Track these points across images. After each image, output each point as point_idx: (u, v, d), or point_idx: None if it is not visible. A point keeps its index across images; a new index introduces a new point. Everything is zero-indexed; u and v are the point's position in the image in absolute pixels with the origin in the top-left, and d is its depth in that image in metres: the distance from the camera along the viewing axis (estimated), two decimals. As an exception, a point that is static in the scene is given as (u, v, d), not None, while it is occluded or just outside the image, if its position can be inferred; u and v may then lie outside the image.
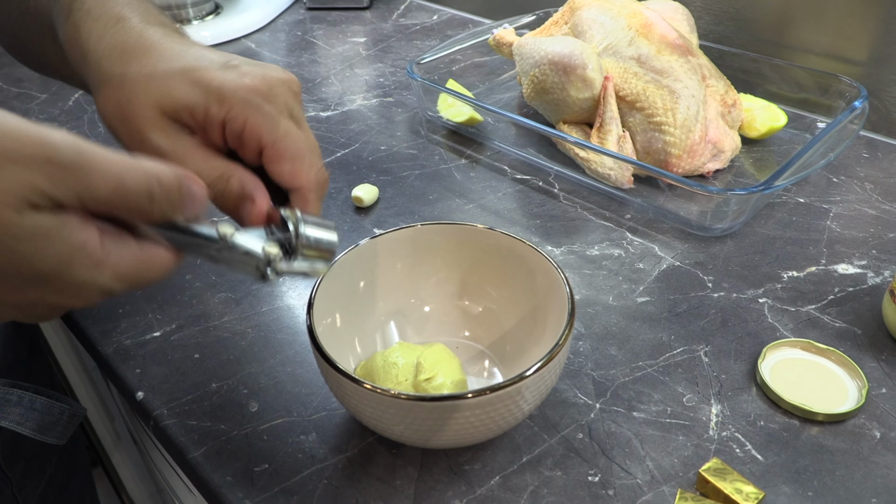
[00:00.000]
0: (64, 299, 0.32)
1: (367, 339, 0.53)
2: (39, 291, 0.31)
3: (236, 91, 0.40)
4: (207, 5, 1.23)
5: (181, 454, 0.49)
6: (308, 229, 0.39)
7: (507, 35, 0.93)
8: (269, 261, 0.37)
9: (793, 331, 0.57)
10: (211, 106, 0.40)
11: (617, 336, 0.57)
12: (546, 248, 0.67)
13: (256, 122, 0.40)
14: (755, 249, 0.66)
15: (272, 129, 0.40)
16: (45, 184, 0.29)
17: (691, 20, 0.86)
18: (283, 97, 0.42)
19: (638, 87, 0.74)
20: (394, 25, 1.23)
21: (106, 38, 0.41)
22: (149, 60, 0.40)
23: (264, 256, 0.37)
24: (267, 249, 0.37)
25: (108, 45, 0.41)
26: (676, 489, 0.45)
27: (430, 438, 0.43)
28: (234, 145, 0.41)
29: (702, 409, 0.50)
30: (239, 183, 0.40)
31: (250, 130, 0.40)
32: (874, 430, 0.49)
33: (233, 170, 0.41)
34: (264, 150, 0.41)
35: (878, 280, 0.62)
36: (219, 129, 0.40)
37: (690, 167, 0.74)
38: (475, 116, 0.84)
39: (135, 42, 0.41)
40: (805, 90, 0.85)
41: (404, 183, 0.77)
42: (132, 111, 0.39)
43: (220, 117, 0.40)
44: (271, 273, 0.37)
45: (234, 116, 0.40)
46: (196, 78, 0.40)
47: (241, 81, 0.40)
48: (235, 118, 0.40)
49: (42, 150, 0.29)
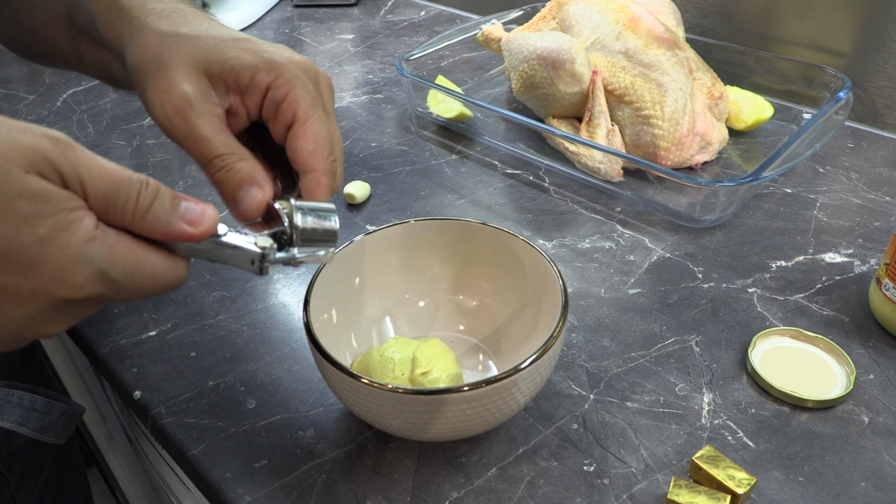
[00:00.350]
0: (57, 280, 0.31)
1: (363, 334, 0.54)
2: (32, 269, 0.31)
3: (287, 63, 0.42)
4: (195, 4, 1.22)
5: (180, 452, 0.49)
6: (303, 218, 0.39)
7: (495, 31, 0.93)
8: (263, 254, 0.37)
9: (782, 319, 0.58)
10: (260, 71, 0.41)
11: (609, 328, 0.58)
12: (538, 242, 0.67)
13: (298, 96, 0.42)
14: (744, 240, 0.67)
15: (310, 107, 0.42)
16: (54, 154, 0.31)
17: (678, 13, 0.87)
18: (324, 86, 0.44)
19: (626, 80, 0.75)
20: (381, 22, 1.23)
21: (150, 3, 0.44)
22: (199, 25, 0.43)
23: (258, 250, 0.37)
24: (259, 243, 0.37)
25: (154, 8, 0.43)
26: (670, 477, 0.45)
27: (428, 431, 0.43)
28: (268, 115, 0.43)
29: (694, 397, 0.51)
30: (249, 167, 0.41)
31: (290, 102, 0.42)
32: (862, 415, 0.50)
33: (245, 153, 0.41)
34: (295, 124, 0.42)
35: (865, 268, 0.63)
36: (260, 94, 0.42)
37: (679, 159, 0.75)
38: (465, 112, 0.84)
39: (184, 9, 0.44)
40: (790, 81, 0.86)
41: (396, 179, 0.78)
42: (174, 59, 0.40)
43: (267, 83, 0.41)
44: (268, 266, 0.37)
45: (281, 84, 0.41)
46: (247, 46, 0.42)
47: (293, 57, 0.43)
48: (281, 86, 0.41)
49: (48, 132, 0.32)
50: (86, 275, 0.32)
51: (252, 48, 0.42)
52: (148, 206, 0.34)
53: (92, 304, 0.34)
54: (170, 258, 0.35)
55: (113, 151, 0.84)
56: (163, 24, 0.42)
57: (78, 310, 0.34)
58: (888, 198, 0.72)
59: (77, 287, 0.32)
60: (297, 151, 0.42)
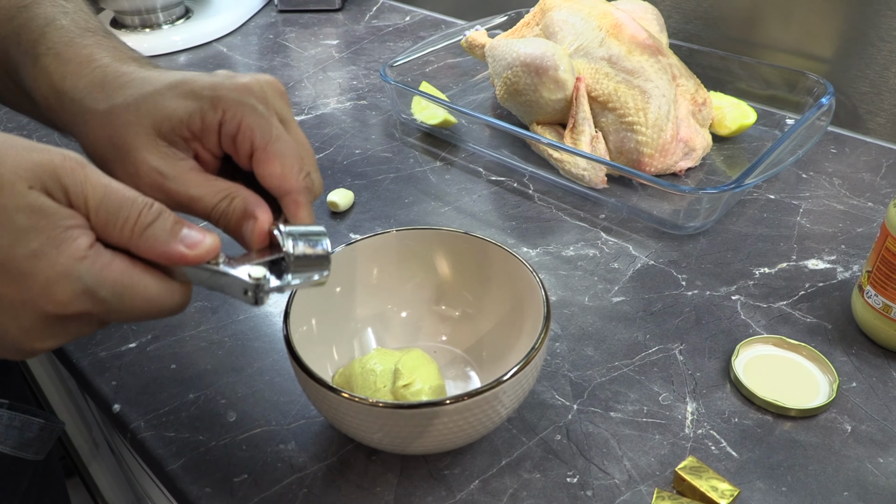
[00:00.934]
0: (43, 295, 0.32)
1: (345, 345, 0.53)
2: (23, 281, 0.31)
3: (230, 91, 0.40)
4: (178, 9, 1.21)
5: (159, 466, 0.48)
6: (294, 244, 0.38)
7: (479, 37, 0.93)
8: (257, 284, 0.36)
9: (765, 327, 0.58)
10: (206, 112, 0.40)
11: (593, 336, 0.57)
12: (522, 250, 0.67)
13: (251, 123, 0.40)
14: (727, 247, 0.67)
15: (265, 131, 0.40)
16: (62, 170, 0.32)
17: (661, 20, 0.87)
18: (273, 98, 0.42)
19: (609, 87, 0.75)
20: (366, 27, 1.23)
21: (82, 80, 0.42)
22: (132, 89, 0.41)
23: (251, 281, 0.36)
24: (253, 273, 0.36)
25: (86, 85, 0.41)
26: (654, 488, 0.45)
27: (410, 445, 0.43)
28: (228, 149, 0.41)
29: (677, 407, 0.51)
30: (242, 202, 0.40)
31: (244, 131, 0.40)
32: (845, 423, 0.50)
33: (236, 189, 0.41)
34: (255, 152, 0.41)
35: (848, 275, 0.63)
36: (215, 134, 0.41)
37: (663, 166, 0.75)
38: (449, 118, 0.84)
39: (113, 76, 0.42)
40: (774, 87, 0.87)
41: (379, 187, 0.77)
42: (126, 139, 0.39)
43: (217, 121, 0.40)
44: (263, 296, 0.37)
45: (230, 118, 0.40)
46: (186, 90, 0.40)
47: (232, 82, 0.41)
48: (231, 119, 0.40)
49: (62, 151, 0.33)
50: (70, 292, 0.32)
51: (192, 89, 0.40)
52: (147, 224, 0.34)
53: (82, 322, 0.35)
54: (167, 283, 0.35)
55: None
56: (99, 103, 0.40)
57: (69, 327, 0.34)
58: (871, 203, 0.72)
59: (62, 303, 0.32)
60: (266, 178, 0.41)
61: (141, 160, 0.39)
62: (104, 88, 0.41)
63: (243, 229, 0.40)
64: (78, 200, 0.33)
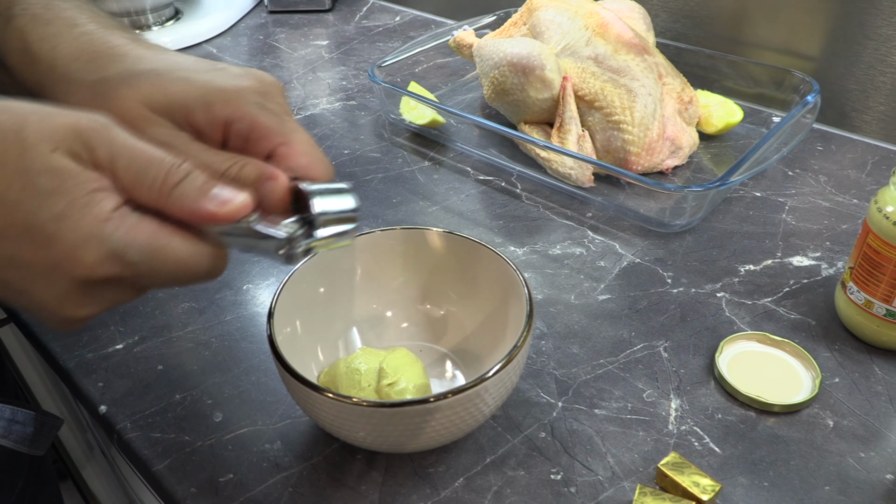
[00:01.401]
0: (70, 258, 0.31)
1: (330, 346, 0.53)
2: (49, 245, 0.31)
3: (240, 92, 0.40)
4: (167, 10, 1.21)
5: (145, 467, 0.48)
6: (321, 201, 0.37)
7: (466, 37, 0.93)
8: (290, 240, 0.36)
9: (749, 324, 0.58)
10: (214, 105, 0.39)
11: (579, 334, 0.58)
12: (509, 249, 0.67)
13: (265, 122, 0.40)
14: (713, 244, 0.67)
15: (281, 128, 0.40)
16: (88, 132, 0.32)
17: (648, 19, 0.87)
18: (278, 97, 0.42)
19: (596, 86, 0.75)
20: (356, 27, 1.23)
21: (64, 44, 0.40)
22: (125, 63, 0.40)
23: (284, 235, 0.36)
24: (287, 229, 0.36)
25: (70, 51, 0.40)
26: (636, 484, 0.46)
27: (394, 443, 0.43)
28: (236, 146, 0.41)
29: (661, 404, 0.51)
30: (255, 167, 0.39)
31: (259, 131, 0.40)
32: (827, 419, 0.50)
33: (242, 157, 0.40)
34: (277, 148, 0.40)
35: (832, 271, 0.63)
36: (220, 129, 0.40)
37: (649, 164, 0.75)
38: (437, 118, 0.84)
39: (103, 47, 0.40)
40: (760, 85, 0.87)
41: (368, 186, 0.78)
42: (121, 111, 0.38)
43: (224, 117, 0.39)
44: (296, 252, 0.36)
45: (241, 117, 0.40)
46: (191, 78, 0.40)
47: (241, 83, 0.40)
48: (242, 118, 0.40)
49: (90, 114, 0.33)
50: (97, 254, 0.32)
51: (197, 79, 0.39)
52: (176, 183, 0.33)
53: (117, 289, 0.34)
54: (198, 244, 0.34)
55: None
56: (88, 74, 0.39)
57: (104, 293, 0.34)
58: (856, 200, 0.73)
59: (89, 266, 0.32)
60: (294, 170, 0.40)
61: (140, 131, 0.37)
62: (94, 60, 0.40)
63: (264, 190, 0.39)
64: (104, 161, 0.32)
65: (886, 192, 0.52)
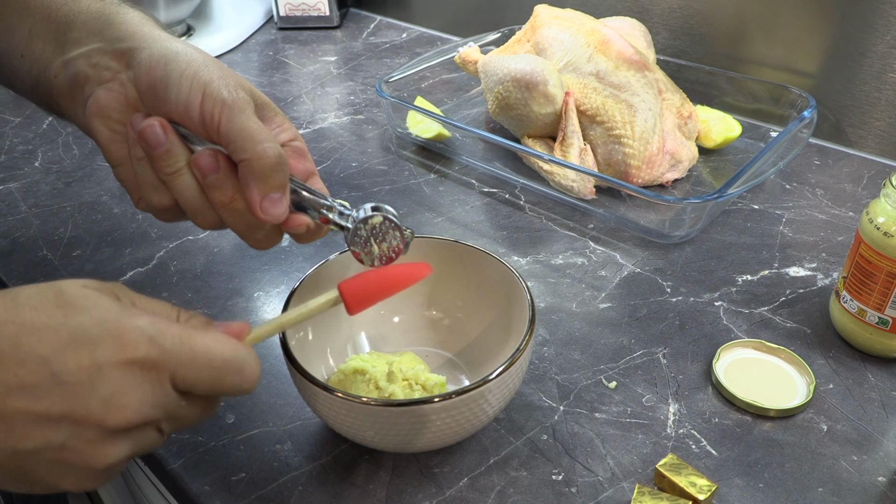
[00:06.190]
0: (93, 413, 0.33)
1: (339, 350, 0.55)
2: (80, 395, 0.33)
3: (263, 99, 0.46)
4: (179, 27, 1.24)
5: (160, 466, 0.50)
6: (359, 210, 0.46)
7: (471, 53, 0.96)
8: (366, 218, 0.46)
9: (746, 332, 0.60)
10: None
11: (580, 341, 0.59)
12: (513, 259, 0.69)
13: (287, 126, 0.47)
14: (712, 255, 0.69)
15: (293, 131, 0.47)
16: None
17: (648, 36, 0.90)
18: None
19: (597, 101, 0.78)
20: (364, 44, 1.26)
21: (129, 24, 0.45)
22: (177, 45, 0.44)
23: (363, 215, 0.46)
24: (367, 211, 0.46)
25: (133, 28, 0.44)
26: (635, 484, 0.47)
27: (401, 442, 0.45)
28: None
29: (660, 408, 0.53)
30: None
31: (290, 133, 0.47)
32: (821, 423, 0.52)
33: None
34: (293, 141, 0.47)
35: (827, 281, 0.65)
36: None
37: (649, 177, 0.77)
38: (443, 132, 0.86)
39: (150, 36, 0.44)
40: (758, 101, 0.89)
41: (375, 198, 0.80)
42: (184, 78, 0.41)
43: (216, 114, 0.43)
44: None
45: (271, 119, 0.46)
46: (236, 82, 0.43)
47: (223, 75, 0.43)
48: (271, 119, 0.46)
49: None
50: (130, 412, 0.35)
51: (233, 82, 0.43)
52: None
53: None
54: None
55: (97, 173, 0.85)
56: (172, 43, 0.44)
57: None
58: (851, 213, 0.74)
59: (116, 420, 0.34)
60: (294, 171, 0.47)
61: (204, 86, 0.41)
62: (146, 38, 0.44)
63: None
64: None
65: (878, 203, 0.53)
